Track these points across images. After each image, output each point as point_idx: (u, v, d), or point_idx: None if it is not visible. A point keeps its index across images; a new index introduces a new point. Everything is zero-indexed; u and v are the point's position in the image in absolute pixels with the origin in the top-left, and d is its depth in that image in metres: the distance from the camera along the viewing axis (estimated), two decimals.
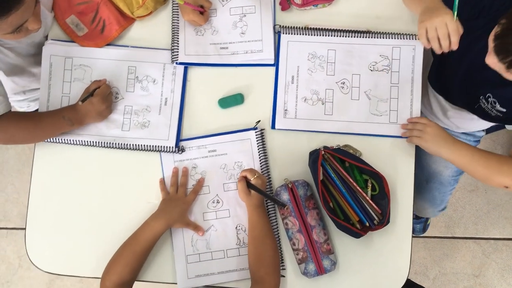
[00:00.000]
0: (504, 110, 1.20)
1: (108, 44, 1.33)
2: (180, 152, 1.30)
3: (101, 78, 1.31)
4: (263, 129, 1.31)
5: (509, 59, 0.95)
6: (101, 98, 1.24)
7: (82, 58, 1.32)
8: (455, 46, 1.07)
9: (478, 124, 1.44)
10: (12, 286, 2.14)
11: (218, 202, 1.28)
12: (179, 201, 1.26)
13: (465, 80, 1.25)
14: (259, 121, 1.31)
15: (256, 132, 1.30)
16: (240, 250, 1.26)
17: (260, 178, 1.20)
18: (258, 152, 1.29)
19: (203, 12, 1.30)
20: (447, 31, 1.06)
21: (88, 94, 1.24)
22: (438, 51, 1.10)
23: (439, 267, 2.10)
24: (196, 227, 1.26)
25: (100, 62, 1.32)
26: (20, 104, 1.57)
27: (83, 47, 1.32)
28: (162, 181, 1.30)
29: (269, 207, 1.27)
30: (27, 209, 1.32)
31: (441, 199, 1.61)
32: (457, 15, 1.07)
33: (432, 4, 1.13)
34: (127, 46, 1.34)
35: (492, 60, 1.00)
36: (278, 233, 1.27)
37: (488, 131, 1.54)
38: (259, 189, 1.18)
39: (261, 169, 1.29)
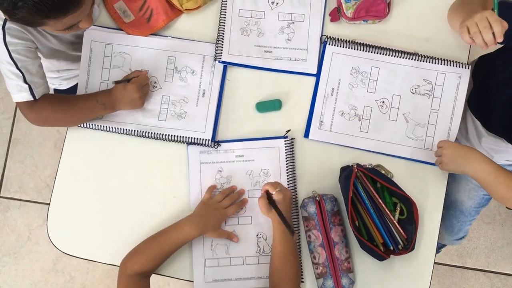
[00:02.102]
0: None
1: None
2: (216, 146, 1.29)
3: (140, 68, 1.31)
4: (293, 139, 1.30)
5: None
6: (136, 86, 1.23)
7: (122, 46, 1.31)
8: (499, 37, 1.03)
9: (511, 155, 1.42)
10: (19, 257, 2.15)
11: (241, 209, 1.27)
12: (217, 211, 1.23)
13: (507, 109, 1.23)
14: (289, 130, 1.29)
15: (285, 141, 1.29)
16: (259, 258, 1.25)
17: (282, 192, 1.17)
18: (286, 161, 1.28)
19: None
20: (488, 24, 1.03)
21: (125, 79, 1.24)
22: (483, 46, 1.06)
23: None
24: (230, 235, 1.24)
25: (140, 50, 1.32)
26: (52, 81, 1.58)
27: (125, 34, 1.32)
28: (213, 187, 1.28)
29: (293, 216, 1.26)
30: (53, 187, 1.31)
31: (459, 228, 1.59)
32: (506, 35, 1.04)
33: (473, 14, 1.11)
34: (167, 36, 1.33)
35: None
36: (300, 245, 1.25)
37: None
38: (276, 207, 1.15)
39: (287, 179, 1.28)
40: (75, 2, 1.00)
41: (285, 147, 1.28)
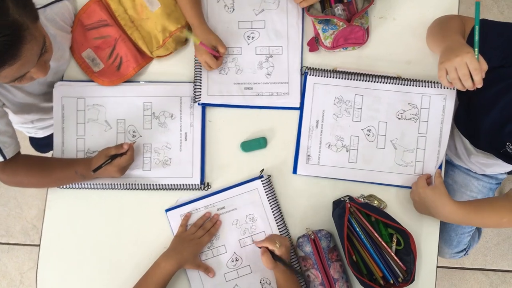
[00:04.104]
0: None
1: None
2: (206, 188, 1.26)
3: (116, 119, 1.26)
4: (269, 176, 1.27)
5: None
6: (118, 169, 1.17)
7: (95, 98, 1.27)
8: (479, 85, 1.02)
9: (502, 168, 1.41)
10: None
11: (237, 259, 1.24)
12: (192, 241, 1.22)
13: (494, 126, 1.21)
14: (263, 169, 1.26)
15: (262, 181, 1.25)
16: None
17: (283, 245, 1.16)
18: (268, 200, 1.25)
19: (218, 57, 1.25)
20: (467, 71, 1.02)
21: (105, 161, 1.16)
22: (462, 89, 1.06)
23: None
24: (206, 269, 1.23)
25: (114, 100, 1.27)
26: (28, 130, 1.53)
27: (96, 85, 1.27)
28: (187, 217, 1.25)
29: (293, 257, 1.24)
30: (39, 246, 1.27)
31: (458, 240, 1.58)
32: (482, 56, 1.03)
33: (453, 44, 1.08)
34: (140, 82, 1.28)
35: None
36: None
37: (510, 172, 1.51)
38: (283, 261, 1.14)
39: (275, 217, 1.25)
40: (10, 54, 0.87)
41: (264, 186, 1.25)
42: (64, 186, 1.26)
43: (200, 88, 1.27)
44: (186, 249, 1.20)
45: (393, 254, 1.19)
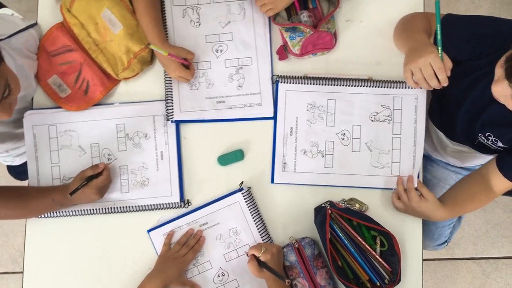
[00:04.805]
0: (507, 147, 1.17)
1: None
2: (186, 206, 1.25)
3: (90, 144, 1.25)
4: (249, 188, 1.26)
5: None
6: (96, 190, 1.16)
7: (66, 123, 1.25)
8: (444, 83, 1.03)
9: (480, 160, 1.42)
10: None
11: (223, 274, 1.23)
12: (176, 260, 1.20)
13: (466, 118, 1.22)
14: (242, 182, 1.26)
15: (242, 193, 1.25)
16: None
17: (269, 251, 1.15)
18: (250, 213, 1.24)
19: (188, 65, 1.24)
20: (432, 71, 1.03)
21: (82, 183, 1.15)
22: (429, 89, 1.08)
23: None
24: (193, 286, 1.22)
25: (86, 124, 1.26)
26: (4, 159, 1.51)
27: (67, 111, 1.25)
28: (170, 235, 1.24)
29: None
30: (22, 277, 1.25)
31: (438, 233, 1.58)
32: (453, 50, 1.04)
33: (416, 44, 1.09)
34: (111, 104, 1.27)
35: (499, 88, 0.97)
36: None
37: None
38: (267, 267, 1.13)
39: (258, 229, 1.24)
40: None
41: (244, 199, 1.24)
42: (43, 216, 1.24)
43: (172, 105, 1.26)
44: (171, 268, 1.19)
45: (377, 256, 1.19)
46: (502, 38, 1.06)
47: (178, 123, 1.27)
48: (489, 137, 1.18)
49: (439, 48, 1.02)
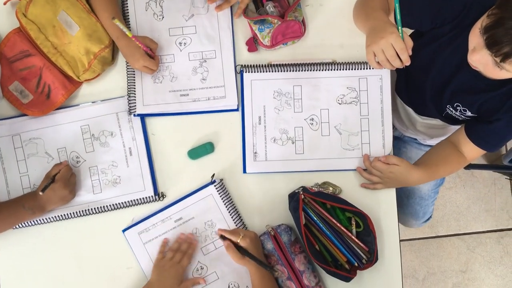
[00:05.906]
0: (475, 115, 1.19)
1: None
2: (161, 198, 1.24)
3: (57, 148, 1.24)
4: (222, 179, 1.26)
5: (504, 51, 0.89)
6: (62, 183, 1.16)
7: (30, 131, 1.24)
8: (407, 63, 1.03)
9: (448, 134, 1.43)
10: None
11: (202, 268, 1.23)
12: (172, 268, 1.18)
13: (434, 87, 1.22)
14: (213, 174, 1.25)
15: (215, 185, 1.24)
16: None
17: (247, 236, 1.15)
18: (225, 204, 1.24)
19: (153, 55, 1.23)
20: (394, 52, 1.01)
21: (49, 181, 1.16)
22: (392, 69, 1.08)
23: (427, 268, 2.11)
24: (194, 281, 1.20)
25: (49, 130, 1.25)
26: None
27: (29, 119, 1.24)
28: (165, 243, 1.23)
29: None
30: None
31: (423, 211, 1.60)
32: (413, 23, 1.06)
33: (376, 23, 1.08)
34: (72, 106, 1.26)
35: (477, 56, 0.96)
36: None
37: None
38: (248, 253, 1.13)
39: (234, 220, 1.24)
40: None
41: (217, 191, 1.24)
42: (16, 226, 1.22)
43: (135, 99, 1.25)
44: (168, 278, 1.17)
45: (353, 237, 1.19)
46: (462, 1, 1.05)
47: (141, 117, 1.26)
48: (458, 107, 1.19)
49: (400, 27, 1.02)
